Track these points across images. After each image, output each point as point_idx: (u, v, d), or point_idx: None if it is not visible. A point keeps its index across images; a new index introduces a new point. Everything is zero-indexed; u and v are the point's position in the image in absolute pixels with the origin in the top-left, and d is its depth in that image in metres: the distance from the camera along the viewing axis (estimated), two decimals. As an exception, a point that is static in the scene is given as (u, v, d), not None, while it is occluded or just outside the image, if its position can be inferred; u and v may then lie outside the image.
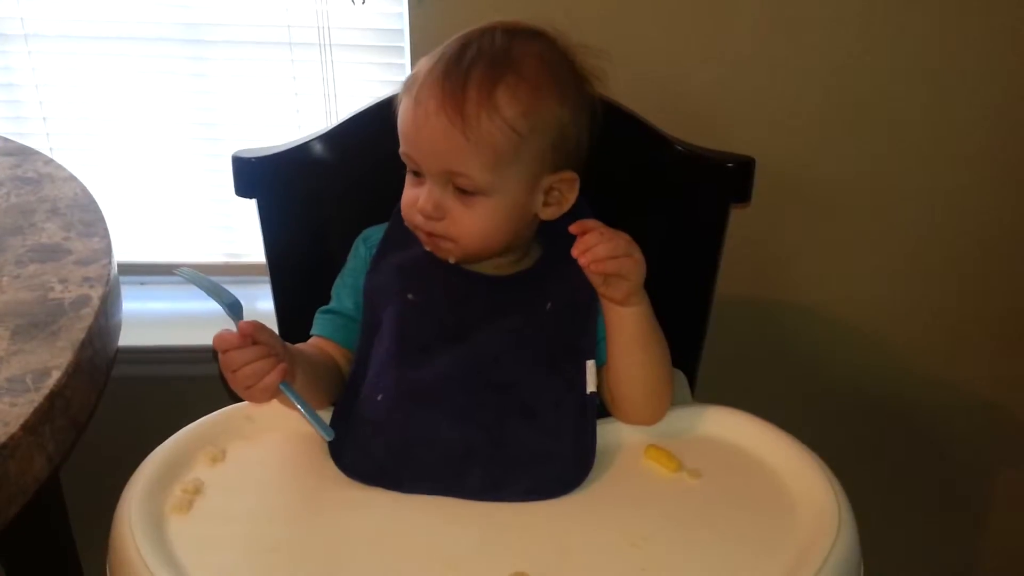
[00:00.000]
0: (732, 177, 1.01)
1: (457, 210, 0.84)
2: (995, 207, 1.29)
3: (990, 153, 1.25)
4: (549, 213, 0.89)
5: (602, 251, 0.82)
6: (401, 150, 0.86)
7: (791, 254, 1.31)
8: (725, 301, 1.22)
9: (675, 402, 0.90)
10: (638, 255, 0.83)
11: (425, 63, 0.85)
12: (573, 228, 0.83)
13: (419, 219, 0.86)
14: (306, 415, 0.81)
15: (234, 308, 0.81)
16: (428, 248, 0.89)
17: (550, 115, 0.84)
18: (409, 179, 0.87)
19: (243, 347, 0.79)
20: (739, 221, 1.18)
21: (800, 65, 1.19)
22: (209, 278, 0.81)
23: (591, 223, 0.83)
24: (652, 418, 0.87)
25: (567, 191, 0.88)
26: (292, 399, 0.81)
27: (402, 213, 0.88)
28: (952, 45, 1.18)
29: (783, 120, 1.22)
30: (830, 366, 1.38)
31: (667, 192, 1.04)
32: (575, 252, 0.82)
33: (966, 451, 1.46)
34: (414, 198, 0.86)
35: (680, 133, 1.05)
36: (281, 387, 0.80)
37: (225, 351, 0.79)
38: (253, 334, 0.79)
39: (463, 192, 0.84)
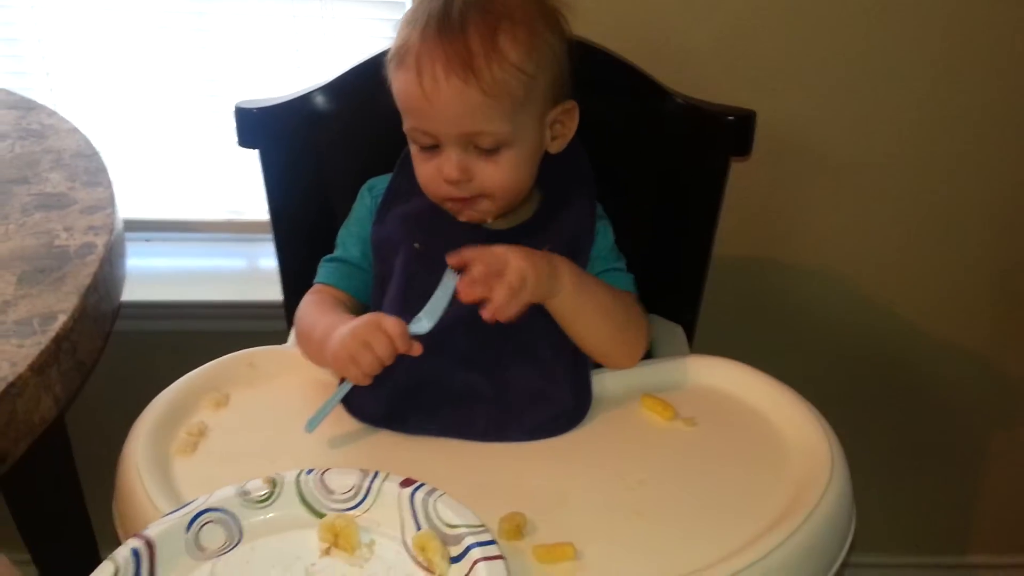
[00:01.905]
0: (732, 130, 1.02)
1: (483, 168, 0.84)
2: (1000, 162, 1.29)
3: (998, 110, 1.25)
4: (556, 146, 0.89)
5: (500, 300, 0.79)
6: (408, 127, 0.85)
7: (792, 212, 1.31)
8: (726, 259, 1.23)
9: (671, 354, 0.92)
10: (524, 282, 0.80)
11: (410, 30, 0.83)
12: (451, 260, 0.81)
13: (445, 188, 0.85)
14: (328, 404, 0.82)
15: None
16: (462, 218, 0.88)
17: (548, 50, 0.84)
18: (421, 155, 0.86)
19: (396, 353, 0.80)
20: (740, 178, 1.19)
21: (804, 21, 1.18)
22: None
23: (469, 255, 0.81)
24: (627, 362, 0.89)
25: (568, 120, 0.89)
26: (338, 394, 0.82)
27: (425, 190, 0.88)
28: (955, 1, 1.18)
29: (786, 77, 1.21)
30: (829, 323, 1.39)
31: (667, 145, 1.04)
32: (463, 296, 0.80)
33: (965, 411, 1.47)
34: (434, 171, 0.85)
35: (682, 88, 1.05)
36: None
37: (390, 345, 0.79)
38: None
39: (486, 151, 0.84)
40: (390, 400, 0.83)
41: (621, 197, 0.99)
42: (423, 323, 0.82)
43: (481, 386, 0.84)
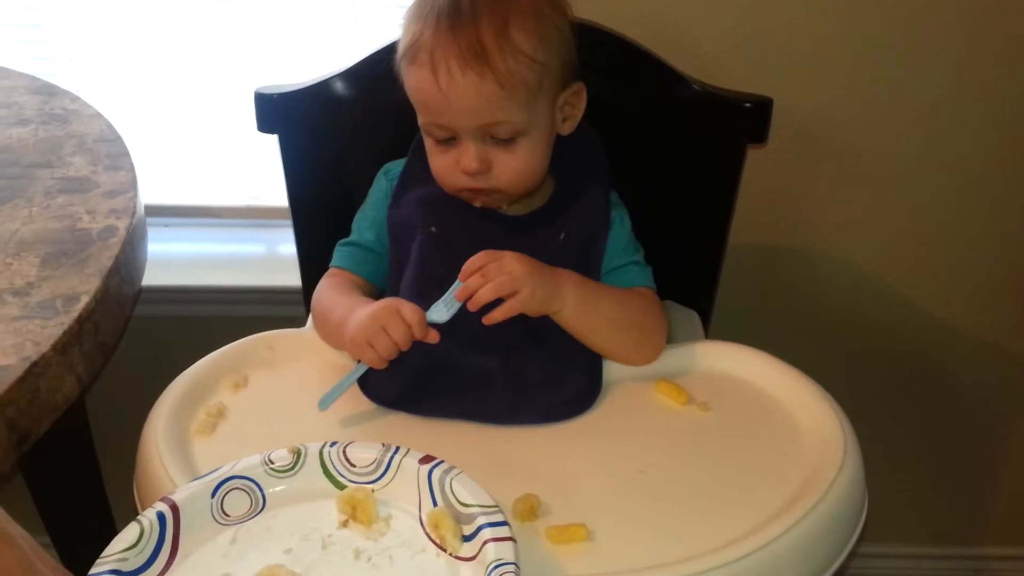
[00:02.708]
0: (749, 117, 1.01)
1: (502, 159, 0.85)
2: (1020, 153, 1.28)
3: (1021, 101, 1.24)
4: (567, 127, 0.90)
5: (483, 296, 0.81)
6: (424, 121, 0.86)
7: (808, 200, 1.31)
8: (742, 246, 1.23)
9: (687, 340, 0.92)
10: (524, 290, 0.82)
11: (420, 26, 0.83)
12: (462, 277, 0.82)
13: (464, 180, 0.86)
14: (342, 383, 0.83)
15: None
16: (477, 204, 0.89)
17: (557, 36, 0.85)
18: (437, 148, 0.87)
19: (412, 339, 0.81)
20: (755, 165, 1.19)
21: (822, 7, 1.18)
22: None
23: (476, 262, 0.82)
24: (640, 362, 0.89)
25: (577, 102, 0.90)
26: (353, 375, 0.83)
27: (443, 184, 0.89)
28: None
29: (803, 65, 1.21)
30: (845, 312, 1.38)
31: (684, 131, 1.04)
32: (458, 296, 0.82)
33: (983, 401, 1.46)
34: (452, 163, 0.86)
35: (699, 75, 1.05)
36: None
37: (407, 331, 0.81)
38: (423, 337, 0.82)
39: (503, 141, 0.84)
40: (405, 382, 0.84)
41: (638, 184, 0.99)
42: (441, 312, 0.83)
43: (495, 369, 0.84)
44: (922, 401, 1.47)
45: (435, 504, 0.71)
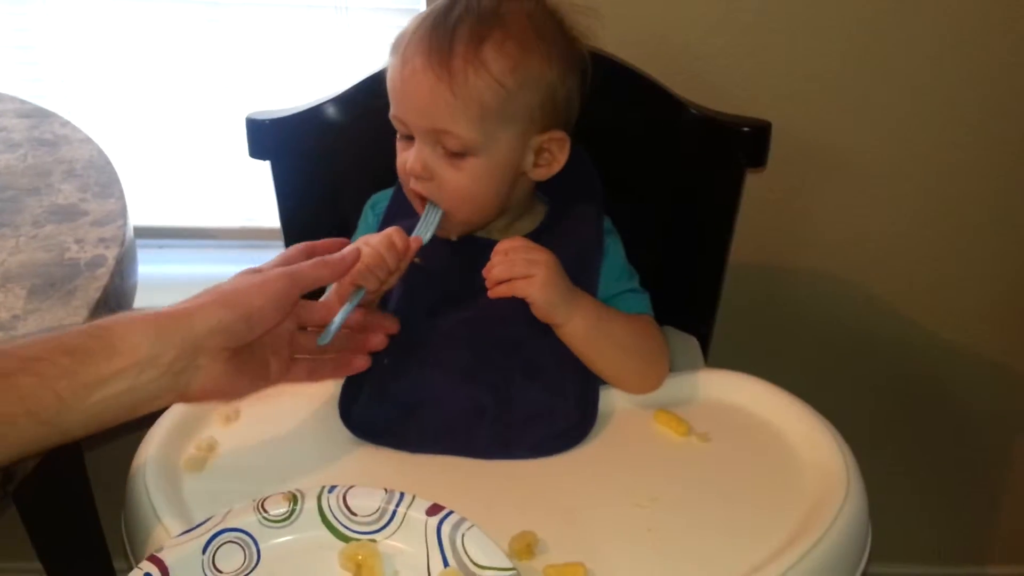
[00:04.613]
0: (748, 142, 1.01)
1: (446, 172, 0.84)
2: (1020, 172, 1.27)
3: (1020, 119, 1.23)
4: (540, 174, 0.88)
5: (496, 273, 0.82)
6: (391, 113, 0.86)
7: (807, 220, 1.30)
8: (740, 267, 1.22)
9: (686, 367, 0.91)
10: (540, 275, 0.81)
11: (413, 22, 0.85)
12: (493, 252, 0.83)
13: (411, 181, 0.86)
14: (340, 315, 0.81)
15: None
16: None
17: (538, 72, 0.83)
18: (400, 144, 0.87)
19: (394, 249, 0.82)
20: (755, 186, 1.18)
21: (817, 29, 1.17)
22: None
23: (506, 244, 0.83)
24: (644, 390, 0.87)
25: (558, 151, 0.88)
26: (351, 304, 0.81)
27: (400, 179, 0.88)
28: (971, 6, 1.16)
29: (799, 85, 1.20)
30: (846, 334, 1.38)
31: (682, 157, 1.04)
32: (484, 272, 0.82)
33: (985, 421, 1.46)
34: (405, 160, 0.86)
35: (696, 98, 1.04)
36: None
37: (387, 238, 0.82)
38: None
39: (452, 154, 0.83)
40: (391, 419, 0.82)
41: (636, 209, 0.98)
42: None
43: (484, 402, 0.82)
44: (925, 419, 1.46)
45: (446, 563, 0.67)
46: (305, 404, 0.86)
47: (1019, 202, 1.29)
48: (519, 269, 0.81)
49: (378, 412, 0.82)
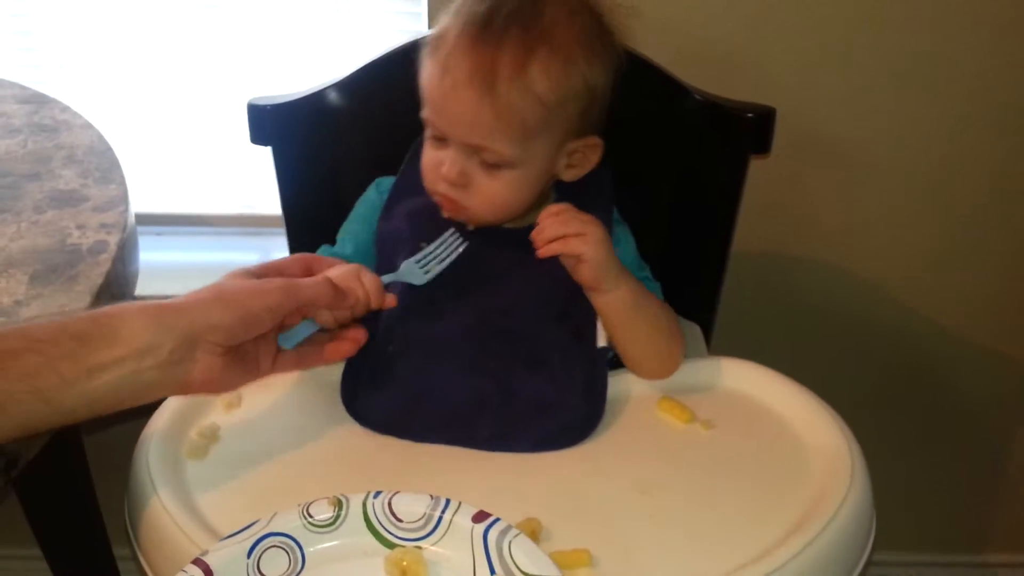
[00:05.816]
0: (752, 127, 1.00)
1: (482, 180, 0.83)
2: (1018, 162, 1.26)
3: (1015, 106, 1.23)
4: (571, 175, 0.88)
5: (548, 232, 0.81)
6: (424, 113, 0.84)
7: (811, 209, 1.29)
8: (743, 254, 1.21)
9: (689, 355, 0.90)
10: (594, 234, 0.81)
11: (453, 24, 0.82)
12: (541, 216, 0.82)
13: (442, 184, 0.84)
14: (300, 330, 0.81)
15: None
16: (447, 215, 0.87)
17: (580, 84, 0.82)
18: (431, 143, 0.85)
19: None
20: (759, 175, 1.17)
21: (822, 16, 1.16)
22: None
23: (556, 207, 0.83)
24: (662, 374, 0.87)
25: (591, 154, 0.87)
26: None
27: (424, 178, 0.87)
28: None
29: (805, 72, 1.20)
30: (849, 321, 1.37)
31: (686, 142, 1.03)
32: (533, 235, 0.82)
33: (988, 409, 1.46)
34: (438, 162, 0.84)
35: (701, 84, 1.04)
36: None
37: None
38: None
39: (489, 164, 0.82)
40: (394, 408, 0.82)
41: (639, 195, 0.97)
42: (416, 273, 0.84)
43: (488, 394, 0.82)
44: (927, 408, 1.46)
45: (492, 571, 0.66)
46: (307, 390, 0.86)
47: (1019, 190, 1.29)
48: (574, 227, 0.81)
49: (381, 400, 0.82)
